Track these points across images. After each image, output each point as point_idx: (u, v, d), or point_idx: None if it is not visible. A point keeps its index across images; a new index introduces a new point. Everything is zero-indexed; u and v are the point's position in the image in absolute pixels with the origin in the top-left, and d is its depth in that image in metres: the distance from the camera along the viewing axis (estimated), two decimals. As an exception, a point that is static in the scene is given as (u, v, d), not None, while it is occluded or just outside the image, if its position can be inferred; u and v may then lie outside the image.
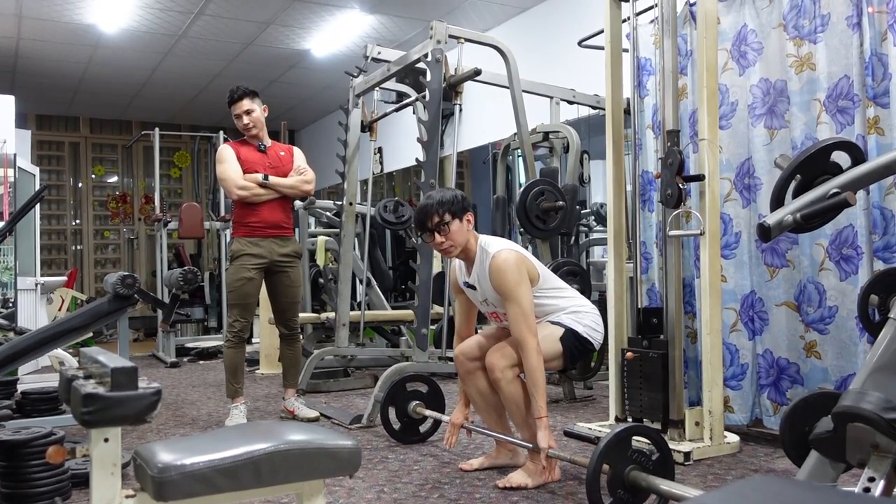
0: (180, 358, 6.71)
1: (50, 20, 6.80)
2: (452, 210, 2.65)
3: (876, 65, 2.84)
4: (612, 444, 2.14)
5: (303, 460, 1.48)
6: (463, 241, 2.69)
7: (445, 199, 2.66)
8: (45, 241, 10.06)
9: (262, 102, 3.87)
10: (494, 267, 2.60)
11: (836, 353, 2.96)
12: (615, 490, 2.15)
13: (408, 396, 3.26)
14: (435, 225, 2.66)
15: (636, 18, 3.39)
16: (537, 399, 2.50)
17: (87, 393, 1.35)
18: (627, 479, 2.14)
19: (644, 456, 2.19)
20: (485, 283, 2.68)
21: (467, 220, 2.69)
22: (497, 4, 6.73)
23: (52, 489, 2.33)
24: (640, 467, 2.16)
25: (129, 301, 2.55)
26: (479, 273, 2.70)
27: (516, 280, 2.57)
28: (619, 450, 2.15)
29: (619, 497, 2.15)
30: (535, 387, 2.51)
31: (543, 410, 2.50)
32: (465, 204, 2.70)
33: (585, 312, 2.76)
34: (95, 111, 10.42)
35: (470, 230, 2.71)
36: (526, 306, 2.56)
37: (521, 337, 2.54)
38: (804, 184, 2.13)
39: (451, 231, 2.66)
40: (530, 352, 2.52)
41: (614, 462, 2.14)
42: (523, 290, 2.58)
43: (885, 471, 1.56)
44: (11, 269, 5.61)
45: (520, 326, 2.55)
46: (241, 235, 3.78)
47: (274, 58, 8.00)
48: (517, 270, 2.59)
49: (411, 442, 3.28)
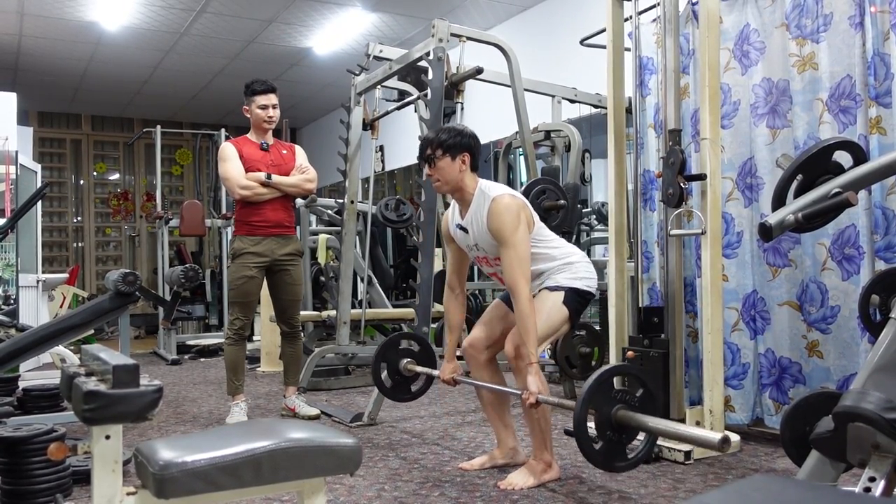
0: (181, 355, 6.72)
1: (52, 17, 6.80)
2: (445, 146, 2.65)
3: (878, 64, 2.84)
4: (595, 388, 2.12)
5: (304, 458, 1.48)
6: (452, 179, 2.67)
7: (442, 135, 2.67)
8: (47, 239, 10.07)
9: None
10: (494, 210, 2.58)
11: (838, 352, 2.96)
12: (604, 433, 2.13)
13: (400, 354, 3.20)
14: (426, 157, 2.68)
15: (638, 17, 3.39)
16: (528, 345, 2.49)
17: (89, 390, 1.35)
18: (615, 419, 2.12)
19: (629, 395, 2.17)
20: (478, 226, 2.66)
21: (462, 160, 2.66)
22: (499, 3, 6.73)
23: (54, 486, 2.33)
24: (627, 406, 2.15)
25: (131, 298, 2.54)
26: (474, 216, 2.67)
27: (514, 225, 2.55)
28: (603, 392, 2.13)
29: (608, 439, 2.14)
30: (525, 333, 2.49)
31: (534, 356, 2.48)
32: (465, 144, 2.67)
33: (576, 263, 2.73)
34: (97, 108, 10.43)
35: (464, 170, 2.67)
36: (522, 252, 2.55)
37: (514, 282, 2.52)
38: (806, 183, 2.13)
39: (439, 166, 2.66)
40: (522, 298, 2.51)
41: (599, 405, 2.12)
42: (520, 236, 2.56)
43: (886, 471, 1.56)
44: (13, 266, 5.62)
45: (514, 272, 2.53)
46: (243, 234, 3.78)
47: (275, 56, 8.01)
48: (516, 216, 2.57)
49: (402, 400, 3.25)
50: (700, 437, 2.03)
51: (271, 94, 3.81)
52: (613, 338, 3.30)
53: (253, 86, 3.80)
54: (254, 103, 3.79)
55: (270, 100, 3.80)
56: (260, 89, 3.79)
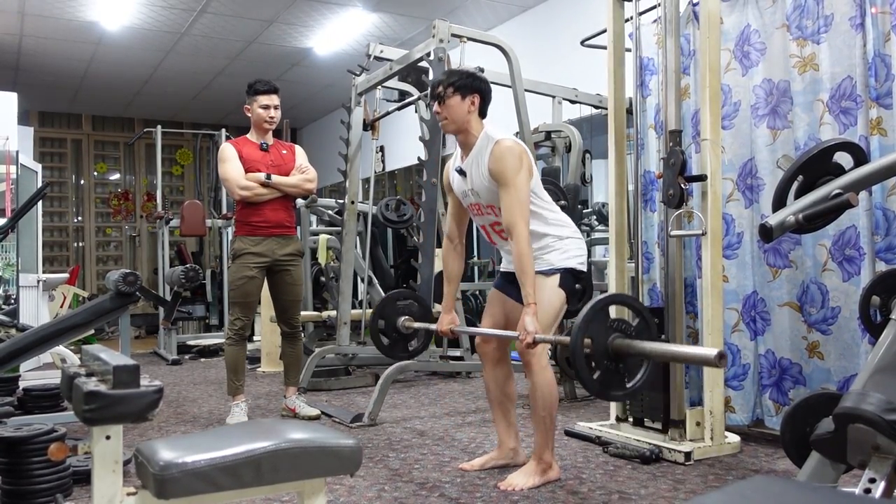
0: (181, 355, 6.72)
1: (53, 17, 6.81)
2: (457, 85, 2.67)
3: (879, 65, 2.84)
4: (590, 317, 2.10)
5: (304, 459, 1.48)
6: (459, 118, 2.67)
7: (454, 74, 2.71)
8: (47, 238, 10.08)
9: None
10: (497, 152, 2.58)
11: (838, 353, 2.96)
12: (602, 362, 2.12)
13: (398, 311, 3.20)
14: (436, 94, 2.69)
15: (639, 18, 3.39)
16: (526, 286, 2.50)
17: (90, 391, 1.35)
18: (612, 348, 2.11)
19: (625, 323, 2.16)
20: (478, 169, 2.65)
21: (471, 101, 2.68)
22: (500, 3, 6.74)
23: (54, 486, 2.33)
24: (623, 335, 2.13)
25: (131, 298, 2.55)
26: (474, 159, 2.68)
27: (516, 168, 2.55)
28: (599, 322, 2.12)
29: (606, 368, 2.12)
30: (524, 274, 2.51)
31: (532, 297, 2.49)
32: (476, 86, 2.69)
33: (567, 239, 2.72)
34: (98, 108, 10.43)
35: (472, 112, 2.69)
36: (522, 195, 2.55)
37: (513, 222, 2.53)
38: (806, 184, 2.14)
39: (448, 104, 2.66)
40: (521, 239, 2.51)
41: (596, 335, 2.11)
42: (521, 179, 2.56)
43: (886, 472, 1.56)
44: (13, 266, 5.62)
45: (513, 212, 2.53)
46: (243, 234, 3.78)
47: (276, 56, 8.01)
48: (519, 159, 2.57)
49: (399, 358, 3.24)
50: (696, 355, 2.04)
51: (273, 95, 3.83)
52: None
53: (256, 85, 3.82)
54: (256, 103, 3.80)
55: (273, 100, 3.82)
56: (263, 89, 3.81)
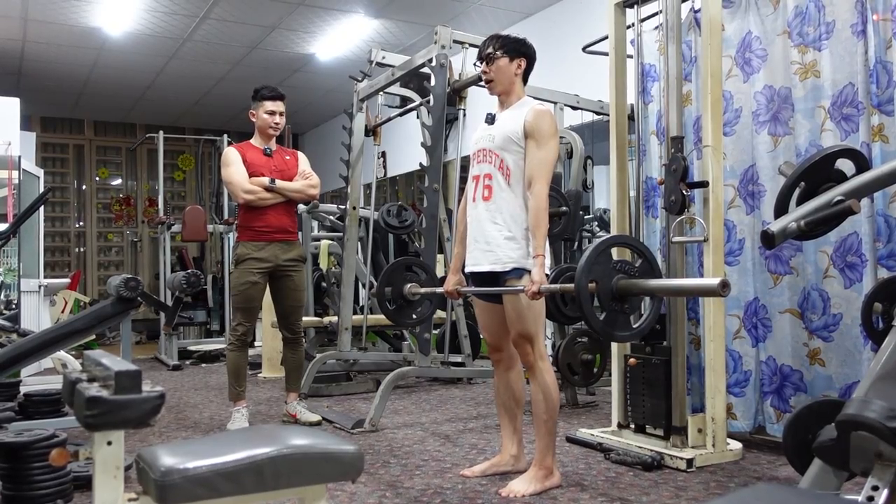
0: (183, 361, 6.71)
1: (55, 23, 6.82)
2: (506, 47, 2.70)
3: (880, 72, 2.84)
4: (593, 259, 2.11)
5: (305, 465, 1.48)
6: (505, 80, 2.72)
7: (503, 36, 2.74)
8: (49, 244, 10.08)
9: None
10: (539, 112, 2.65)
11: (840, 360, 2.95)
12: (607, 303, 2.12)
13: (405, 279, 3.19)
14: (485, 55, 2.72)
15: (641, 25, 3.40)
16: (537, 238, 2.55)
17: (91, 396, 1.35)
18: (616, 288, 2.12)
19: (628, 265, 2.17)
20: (511, 119, 2.68)
21: (518, 63, 2.72)
22: (502, 10, 6.75)
23: (55, 492, 2.33)
24: (627, 276, 2.14)
25: (133, 304, 2.55)
26: (510, 112, 2.72)
27: (552, 132, 2.63)
28: (602, 264, 2.13)
29: (612, 309, 2.13)
30: (537, 227, 2.56)
31: (541, 249, 2.54)
32: (524, 50, 2.74)
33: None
34: (100, 114, 10.45)
35: (518, 74, 2.73)
36: (551, 156, 2.62)
37: (537, 177, 2.58)
38: (808, 191, 2.14)
39: (497, 65, 2.71)
40: (540, 196, 2.57)
41: (599, 277, 2.12)
42: (554, 144, 2.64)
43: (889, 480, 1.56)
44: (15, 271, 5.63)
45: (540, 169, 2.59)
46: (246, 239, 3.78)
47: (278, 62, 8.02)
48: (555, 129, 2.67)
49: (405, 325, 3.24)
50: (700, 286, 2.10)
51: (279, 102, 3.85)
52: (616, 345, 3.30)
53: (262, 91, 3.85)
54: (261, 108, 3.82)
55: (278, 107, 3.84)
56: (269, 95, 3.83)
